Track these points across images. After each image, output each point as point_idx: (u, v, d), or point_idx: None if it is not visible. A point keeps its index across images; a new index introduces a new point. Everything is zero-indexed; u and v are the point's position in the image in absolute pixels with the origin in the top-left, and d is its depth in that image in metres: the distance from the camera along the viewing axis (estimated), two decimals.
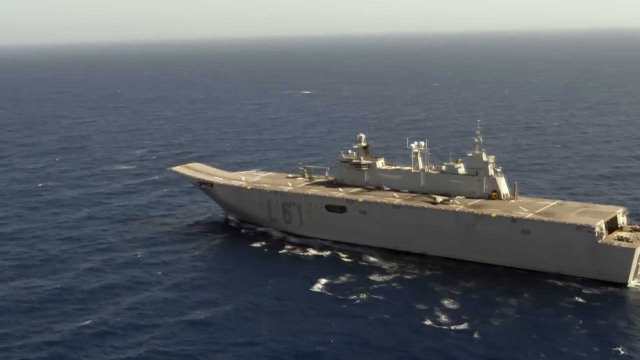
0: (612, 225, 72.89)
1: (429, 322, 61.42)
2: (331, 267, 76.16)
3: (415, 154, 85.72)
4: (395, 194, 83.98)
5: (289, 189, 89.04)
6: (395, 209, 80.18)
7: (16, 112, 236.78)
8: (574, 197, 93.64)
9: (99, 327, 61.70)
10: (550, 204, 78.42)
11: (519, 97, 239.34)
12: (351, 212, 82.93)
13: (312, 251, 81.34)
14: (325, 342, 57.97)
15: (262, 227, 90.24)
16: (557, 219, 72.33)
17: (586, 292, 67.19)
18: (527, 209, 76.02)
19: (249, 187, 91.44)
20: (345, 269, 75.32)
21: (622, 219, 74.63)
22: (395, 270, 74.41)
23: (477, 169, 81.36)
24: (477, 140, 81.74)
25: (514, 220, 73.48)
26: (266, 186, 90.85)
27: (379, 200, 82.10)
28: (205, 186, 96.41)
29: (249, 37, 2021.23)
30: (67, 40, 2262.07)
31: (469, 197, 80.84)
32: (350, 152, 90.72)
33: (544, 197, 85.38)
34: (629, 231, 72.80)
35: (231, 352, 57.07)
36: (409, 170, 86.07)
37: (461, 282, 70.30)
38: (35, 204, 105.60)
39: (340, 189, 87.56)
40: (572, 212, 74.47)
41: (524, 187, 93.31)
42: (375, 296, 67.43)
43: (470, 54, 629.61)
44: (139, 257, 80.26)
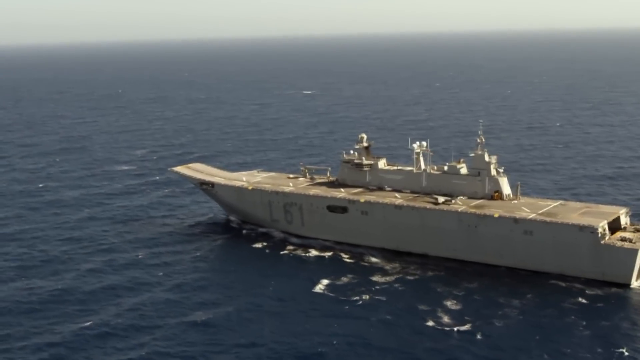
0: (614, 225, 72.64)
1: (431, 323, 61.20)
2: (333, 267, 75.93)
3: (417, 154, 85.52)
4: (397, 195, 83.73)
5: (291, 189, 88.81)
6: (397, 210, 79.94)
7: (16, 112, 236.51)
8: (576, 197, 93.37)
9: (100, 328, 61.49)
10: (552, 204, 78.17)
11: (521, 97, 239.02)
12: (353, 212, 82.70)
13: (313, 252, 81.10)
14: (327, 343, 57.74)
15: (263, 228, 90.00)
16: (559, 219, 72.10)
17: (589, 293, 66.95)
18: (529, 209, 75.78)
19: (250, 188, 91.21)
20: (347, 269, 75.06)
21: (624, 220, 74.40)
22: (397, 271, 74.19)
23: (479, 170, 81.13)
24: (479, 140, 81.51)
25: (516, 220, 73.23)
26: (267, 186, 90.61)
27: (380, 200, 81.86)
28: (206, 187, 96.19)
29: (249, 36, 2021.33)
30: (67, 40, 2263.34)
31: (471, 197, 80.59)
32: (351, 152, 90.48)
33: (546, 198, 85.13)
34: (632, 232, 72.54)
35: (233, 353, 56.84)
36: (410, 170, 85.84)
37: (464, 283, 70.04)
38: (35, 204, 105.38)
39: (341, 190, 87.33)
40: (575, 213, 74.25)
41: (526, 188, 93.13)
42: (377, 297, 67.20)
43: (472, 53, 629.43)
44: (140, 257, 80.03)
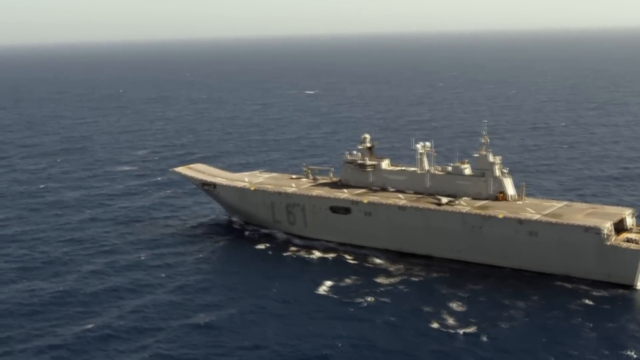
0: (620, 226, 72.15)
1: (436, 325, 60.70)
2: (336, 269, 75.41)
3: (420, 154, 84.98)
4: (400, 195, 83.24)
5: (293, 190, 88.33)
6: (400, 211, 79.45)
7: (16, 112, 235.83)
8: (582, 198, 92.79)
9: (102, 331, 61.01)
10: (557, 205, 77.68)
11: (525, 97, 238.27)
12: (356, 213, 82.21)
13: (317, 253, 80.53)
14: (332, 346, 57.27)
15: (265, 229, 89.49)
16: (564, 220, 71.61)
17: (595, 294, 66.43)
18: (534, 210, 75.27)
19: (252, 188, 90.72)
20: (350, 271, 74.54)
21: (630, 221, 73.88)
22: (401, 272, 73.66)
23: (483, 170, 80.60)
24: (483, 140, 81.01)
25: (521, 221, 72.74)
26: (270, 187, 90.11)
27: (384, 201, 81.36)
28: (208, 187, 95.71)
29: (249, 36, 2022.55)
30: (67, 39, 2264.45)
31: (475, 198, 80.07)
32: (355, 152, 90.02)
33: (551, 199, 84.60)
34: (637, 233, 72.13)
35: (236, 356, 56.39)
36: (414, 171, 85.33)
37: (468, 285, 69.51)
38: (36, 205, 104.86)
39: (344, 190, 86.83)
40: (580, 214, 73.75)
41: (531, 188, 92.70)
42: (381, 299, 66.69)
43: (475, 53, 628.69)
44: (142, 259, 79.51)
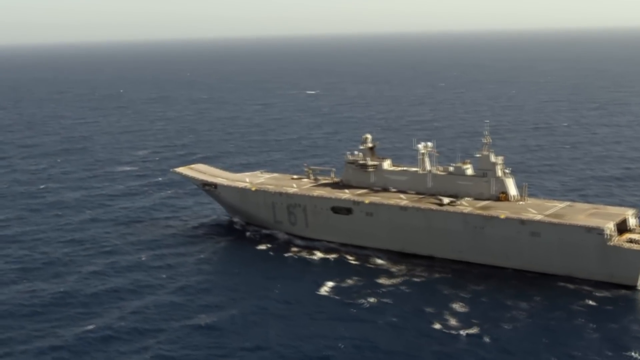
0: (622, 227, 71.88)
1: (438, 326, 60.52)
2: (338, 270, 75.20)
3: (422, 154, 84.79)
4: (402, 196, 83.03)
5: (294, 190, 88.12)
6: (402, 211, 79.23)
7: (16, 112, 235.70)
8: (584, 198, 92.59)
9: (103, 332, 60.84)
10: (559, 205, 77.47)
11: (527, 97, 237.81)
12: (357, 214, 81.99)
13: (318, 254, 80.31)
14: (334, 347, 57.12)
15: (267, 229, 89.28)
16: (566, 220, 71.41)
17: (598, 295, 66.22)
18: (536, 210, 75.07)
19: (253, 189, 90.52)
20: (352, 271, 74.34)
21: (632, 221, 73.57)
22: (403, 273, 73.45)
23: (485, 170, 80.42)
24: (485, 140, 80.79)
25: (523, 222, 72.54)
26: (271, 187, 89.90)
27: (385, 201, 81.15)
28: (208, 187, 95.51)
29: (250, 36, 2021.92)
30: (67, 39, 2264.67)
31: (477, 198, 79.86)
32: (356, 153, 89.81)
33: (553, 199, 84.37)
34: None
35: (238, 357, 56.25)
36: (416, 171, 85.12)
37: (471, 285, 69.31)
38: (37, 206, 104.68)
39: (346, 191, 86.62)
40: (582, 214, 73.53)
41: (533, 189, 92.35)
42: (383, 299, 66.50)
43: (476, 53, 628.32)
44: (143, 260, 79.31)
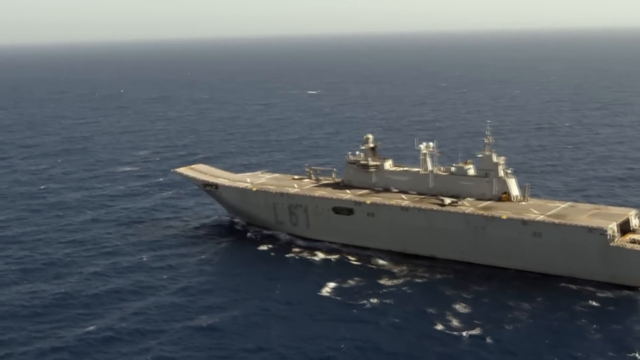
0: (624, 227, 71.66)
1: (440, 327, 60.39)
2: (340, 270, 75.03)
3: (424, 155, 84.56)
4: (403, 196, 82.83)
5: (295, 190, 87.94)
6: (403, 211, 79.03)
7: (17, 112, 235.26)
8: (587, 199, 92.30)
9: (104, 333, 60.67)
10: (561, 206, 77.27)
11: (529, 97, 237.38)
12: (359, 214, 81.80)
13: (320, 254, 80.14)
14: (336, 348, 56.95)
15: (268, 230, 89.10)
16: (568, 221, 71.20)
17: (600, 295, 66.07)
18: (538, 211, 74.86)
19: (254, 189, 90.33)
20: (354, 272, 74.18)
21: (635, 222, 73.34)
22: (405, 273, 73.29)
23: (487, 171, 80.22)
24: (487, 141, 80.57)
25: (524, 222, 72.34)
26: (272, 188, 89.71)
27: (387, 202, 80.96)
28: (209, 188, 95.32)
29: (250, 36, 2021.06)
30: (67, 39, 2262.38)
31: (478, 199, 79.64)
32: (357, 153, 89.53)
33: (555, 199, 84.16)
34: None
35: (240, 358, 56.12)
36: (417, 171, 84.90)
37: (473, 286, 69.13)
38: (37, 206, 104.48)
39: (347, 191, 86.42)
40: (584, 214, 73.31)
41: (535, 189, 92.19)
42: (385, 300, 66.34)
43: (477, 53, 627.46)
44: (145, 260, 79.14)
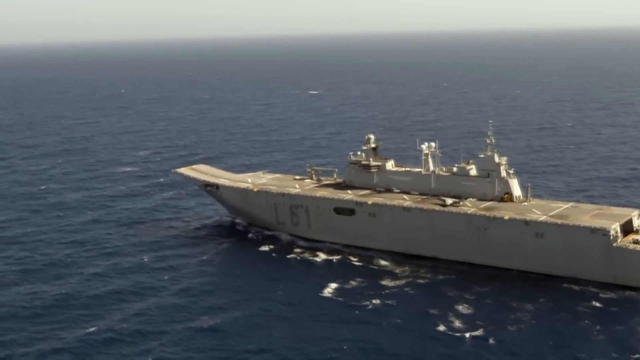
0: (627, 228, 71.54)
1: (443, 328, 60.18)
2: (342, 271, 74.79)
3: (425, 155, 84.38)
4: (405, 196, 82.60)
5: (297, 191, 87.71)
6: (405, 212, 78.79)
7: (17, 112, 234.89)
8: (589, 199, 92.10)
9: (105, 334, 60.44)
10: (564, 206, 77.07)
11: (531, 97, 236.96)
12: (360, 214, 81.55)
13: (321, 255, 79.91)
14: (338, 349, 56.73)
15: (269, 231, 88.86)
16: (571, 221, 71.00)
17: (603, 296, 65.89)
18: (540, 211, 74.64)
19: (255, 189, 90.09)
20: (356, 273, 73.95)
21: (637, 222, 73.19)
22: (407, 274, 73.06)
23: (489, 171, 79.99)
24: (489, 141, 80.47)
25: (527, 223, 72.12)
26: (273, 188, 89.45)
27: (388, 202, 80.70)
28: (210, 188, 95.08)
29: (250, 35, 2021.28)
30: (68, 39, 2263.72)
31: (480, 199, 79.42)
32: (359, 153, 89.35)
33: (557, 200, 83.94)
34: None
35: (241, 359, 55.76)
36: (419, 171, 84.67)
37: (475, 287, 68.90)
38: (38, 207, 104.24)
39: (349, 191, 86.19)
40: (587, 215, 73.12)
41: (538, 189, 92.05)
42: (387, 301, 66.10)
43: (478, 52, 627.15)
44: (146, 261, 78.89)
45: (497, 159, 79.50)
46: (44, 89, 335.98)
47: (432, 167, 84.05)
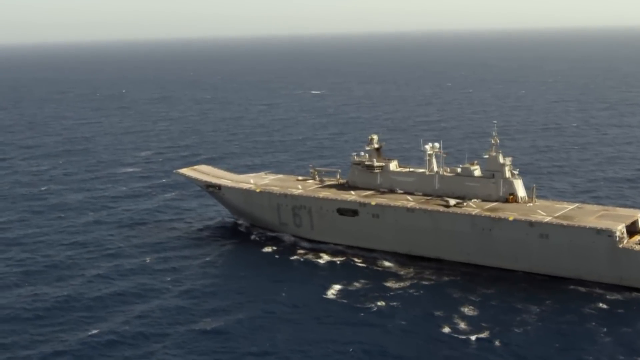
0: (632, 229, 71.01)
1: (448, 330, 59.70)
2: (345, 272, 74.28)
3: (429, 155, 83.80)
4: (409, 197, 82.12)
5: (299, 191, 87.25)
6: (409, 213, 78.30)
7: (17, 112, 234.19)
8: (595, 200, 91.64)
9: (107, 336, 60.00)
10: (569, 207, 76.54)
11: (535, 97, 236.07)
12: (363, 215, 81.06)
13: (325, 256, 79.40)
14: (343, 351, 56.29)
15: (272, 232, 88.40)
16: (576, 222, 70.49)
17: (609, 297, 65.41)
18: (545, 212, 74.12)
19: (257, 190, 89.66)
20: (360, 274, 73.44)
21: None
22: (411, 276, 72.55)
23: (493, 171, 79.46)
24: (493, 141, 79.84)
25: (531, 224, 71.61)
26: (276, 189, 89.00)
27: (392, 203, 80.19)
28: (212, 189, 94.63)
29: (251, 35, 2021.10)
30: (68, 38, 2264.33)
31: (485, 200, 78.88)
32: (362, 153, 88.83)
33: (562, 200, 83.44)
34: None
35: None
36: (423, 172, 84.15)
37: (480, 289, 68.40)
38: (39, 207, 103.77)
39: (352, 192, 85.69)
40: (592, 216, 72.62)
41: (543, 190, 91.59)
42: (392, 303, 65.60)
43: (482, 52, 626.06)
44: (148, 263, 78.38)
45: (501, 160, 78.95)
46: (45, 89, 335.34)
47: (436, 168, 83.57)
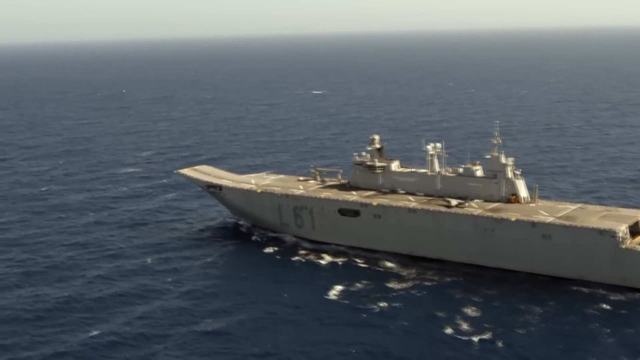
0: (635, 229, 70.84)
1: (450, 331, 59.48)
2: (347, 273, 74.07)
3: (431, 156, 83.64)
4: (410, 198, 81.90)
5: (301, 192, 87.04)
6: (410, 213, 78.07)
7: (17, 112, 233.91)
8: (597, 200, 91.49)
9: (108, 337, 59.80)
10: (571, 207, 76.32)
11: (537, 97, 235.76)
12: (365, 216, 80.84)
13: (326, 257, 79.17)
14: (345, 353, 56.09)
15: (273, 232, 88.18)
16: (578, 223, 70.29)
17: (612, 298, 65.16)
18: (547, 212, 73.91)
19: (259, 191, 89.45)
20: (361, 275, 73.22)
21: None
22: (413, 276, 72.33)
23: (495, 172, 79.23)
24: (495, 141, 79.70)
25: (534, 224, 71.39)
26: (277, 189, 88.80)
27: (394, 204, 79.97)
28: (213, 189, 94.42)
29: (252, 35, 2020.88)
30: (68, 38, 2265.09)
31: (487, 200, 78.66)
32: (363, 154, 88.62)
33: (565, 201, 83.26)
34: None
35: None
36: (424, 172, 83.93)
37: (482, 289, 68.17)
38: (39, 208, 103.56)
39: (353, 193, 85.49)
40: (594, 216, 72.40)
41: (545, 191, 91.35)
42: (394, 304, 65.38)
43: (483, 52, 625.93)
44: (149, 263, 78.15)
45: (503, 160, 78.76)
46: (45, 89, 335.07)
47: (437, 168, 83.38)
